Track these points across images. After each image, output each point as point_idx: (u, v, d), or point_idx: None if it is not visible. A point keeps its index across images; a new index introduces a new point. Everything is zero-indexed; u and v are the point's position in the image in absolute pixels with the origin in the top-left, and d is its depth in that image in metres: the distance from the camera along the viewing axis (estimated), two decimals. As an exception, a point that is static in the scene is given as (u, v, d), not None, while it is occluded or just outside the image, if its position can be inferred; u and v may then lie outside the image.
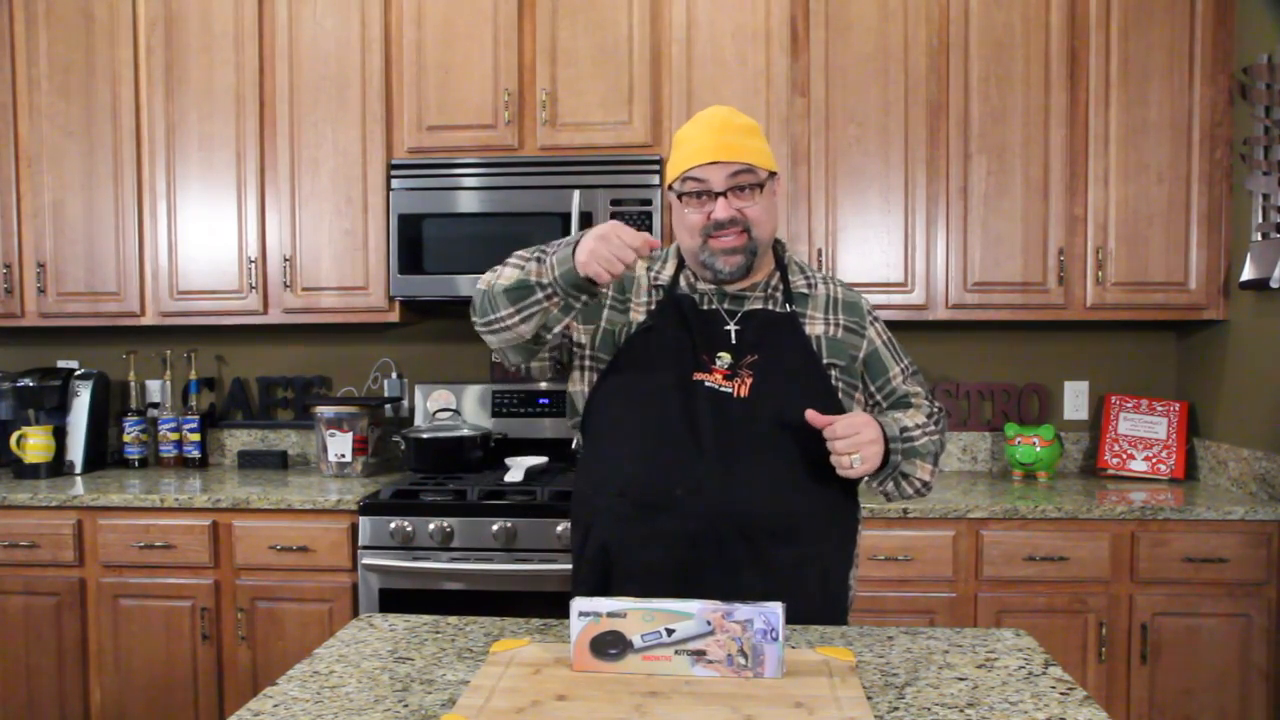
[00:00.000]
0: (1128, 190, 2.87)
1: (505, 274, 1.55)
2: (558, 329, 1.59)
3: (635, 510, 1.58)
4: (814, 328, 1.65)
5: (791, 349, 1.62)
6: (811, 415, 1.51)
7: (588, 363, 1.69)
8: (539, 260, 1.51)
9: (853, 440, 1.50)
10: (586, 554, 1.65)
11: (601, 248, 1.43)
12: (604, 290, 1.55)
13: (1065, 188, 2.88)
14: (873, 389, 1.70)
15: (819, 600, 1.59)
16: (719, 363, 1.61)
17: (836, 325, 1.67)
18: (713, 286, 1.67)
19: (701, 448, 1.56)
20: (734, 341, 1.62)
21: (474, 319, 1.63)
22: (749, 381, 1.59)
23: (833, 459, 1.51)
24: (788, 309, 1.65)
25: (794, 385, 1.60)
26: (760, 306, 1.66)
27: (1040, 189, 2.88)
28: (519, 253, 1.58)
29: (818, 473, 1.58)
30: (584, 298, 1.51)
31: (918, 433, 1.62)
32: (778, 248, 1.73)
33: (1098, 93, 2.87)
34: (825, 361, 1.63)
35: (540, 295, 1.50)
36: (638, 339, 1.65)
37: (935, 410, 1.70)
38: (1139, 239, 2.87)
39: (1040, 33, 2.87)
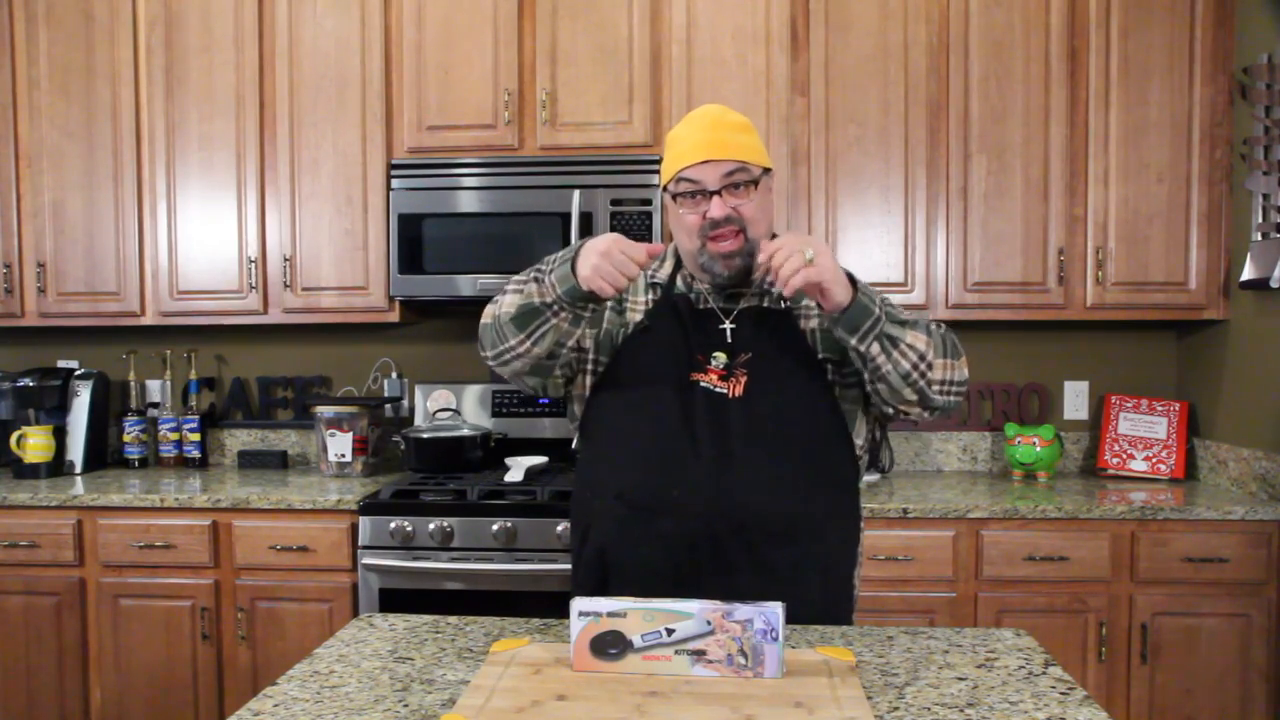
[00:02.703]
0: (1128, 190, 2.87)
1: (506, 302, 1.54)
2: (571, 342, 1.57)
3: (632, 513, 1.57)
4: (809, 321, 1.63)
5: (786, 345, 1.60)
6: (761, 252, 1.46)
7: (589, 365, 1.68)
8: (538, 280, 1.51)
9: (794, 244, 1.42)
10: (584, 556, 1.65)
11: (605, 264, 1.43)
12: (609, 299, 1.53)
13: (1065, 187, 2.88)
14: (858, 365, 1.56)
15: (819, 601, 1.58)
16: (714, 363, 1.59)
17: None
18: (709, 285, 1.65)
19: (698, 450, 1.55)
20: (729, 340, 1.61)
21: (484, 355, 1.63)
22: (743, 381, 1.57)
23: (782, 272, 1.41)
24: (782, 304, 1.63)
25: (788, 383, 1.58)
26: (756, 304, 1.64)
27: (1040, 189, 2.88)
28: (514, 278, 1.56)
29: (815, 472, 1.57)
30: (591, 307, 1.51)
31: (900, 311, 1.53)
32: None
33: (1098, 92, 2.86)
34: (820, 356, 1.60)
35: (548, 314, 1.50)
36: (634, 340, 1.64)
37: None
38: (1139, 239, 2.87)
39: (1040, 32, 2.87)
